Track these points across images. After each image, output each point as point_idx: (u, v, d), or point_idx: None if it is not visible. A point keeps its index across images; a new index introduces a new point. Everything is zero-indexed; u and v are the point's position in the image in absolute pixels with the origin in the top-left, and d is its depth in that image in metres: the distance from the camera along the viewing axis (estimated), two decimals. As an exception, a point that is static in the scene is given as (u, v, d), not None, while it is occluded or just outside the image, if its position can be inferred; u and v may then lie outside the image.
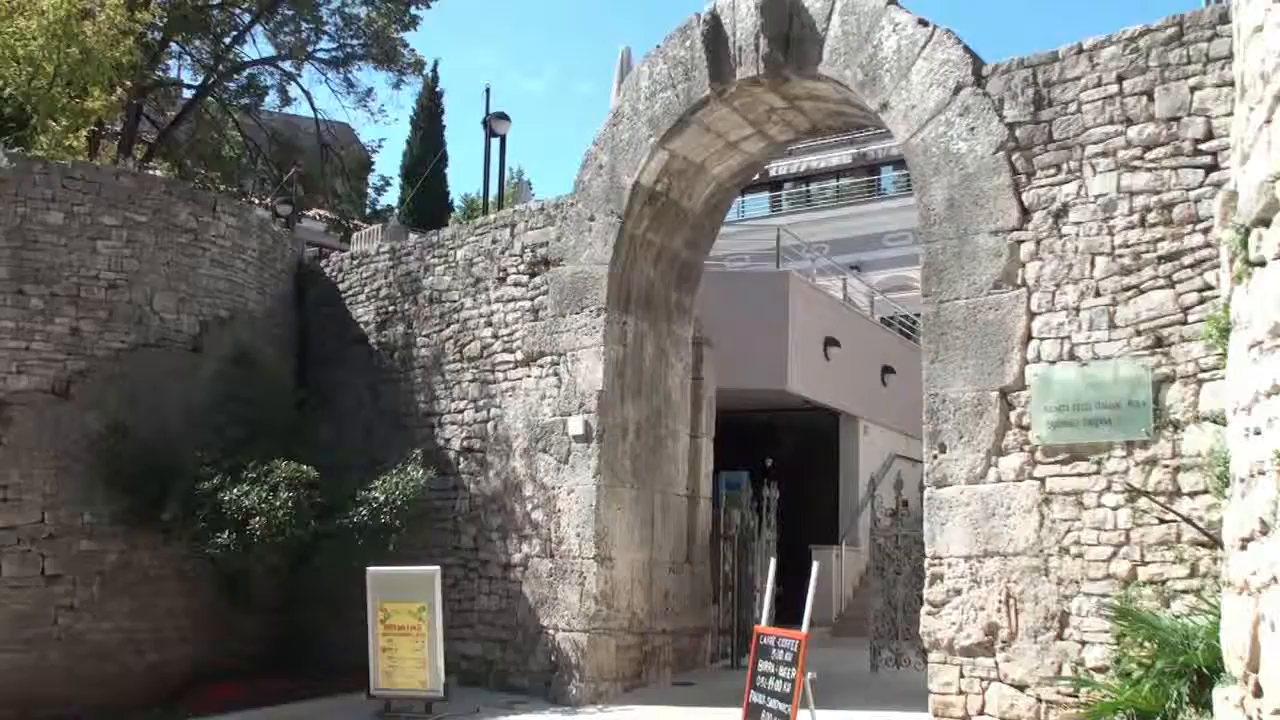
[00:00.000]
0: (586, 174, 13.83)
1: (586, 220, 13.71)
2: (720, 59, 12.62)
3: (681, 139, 13.24)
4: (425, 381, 15.27)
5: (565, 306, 13.71)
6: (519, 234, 14.52)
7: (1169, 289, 9.29)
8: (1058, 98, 10.14)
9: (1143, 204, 9.50)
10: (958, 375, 10.31)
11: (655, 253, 13.97)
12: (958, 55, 10.80)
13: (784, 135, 13.82)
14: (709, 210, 14.44)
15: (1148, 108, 9.59)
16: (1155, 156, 9.49)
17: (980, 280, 10.30)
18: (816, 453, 22.30)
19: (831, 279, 26.99)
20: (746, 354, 18.12)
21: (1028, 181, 10.18)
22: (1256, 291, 4.77)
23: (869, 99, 11.42)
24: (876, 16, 11.42)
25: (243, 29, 28.28)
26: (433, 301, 15.39)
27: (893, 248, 34.62)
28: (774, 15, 12.08)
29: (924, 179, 10.84)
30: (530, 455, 13.81)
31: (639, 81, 13.46)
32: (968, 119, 10.60)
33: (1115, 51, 9.84)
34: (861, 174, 41.07)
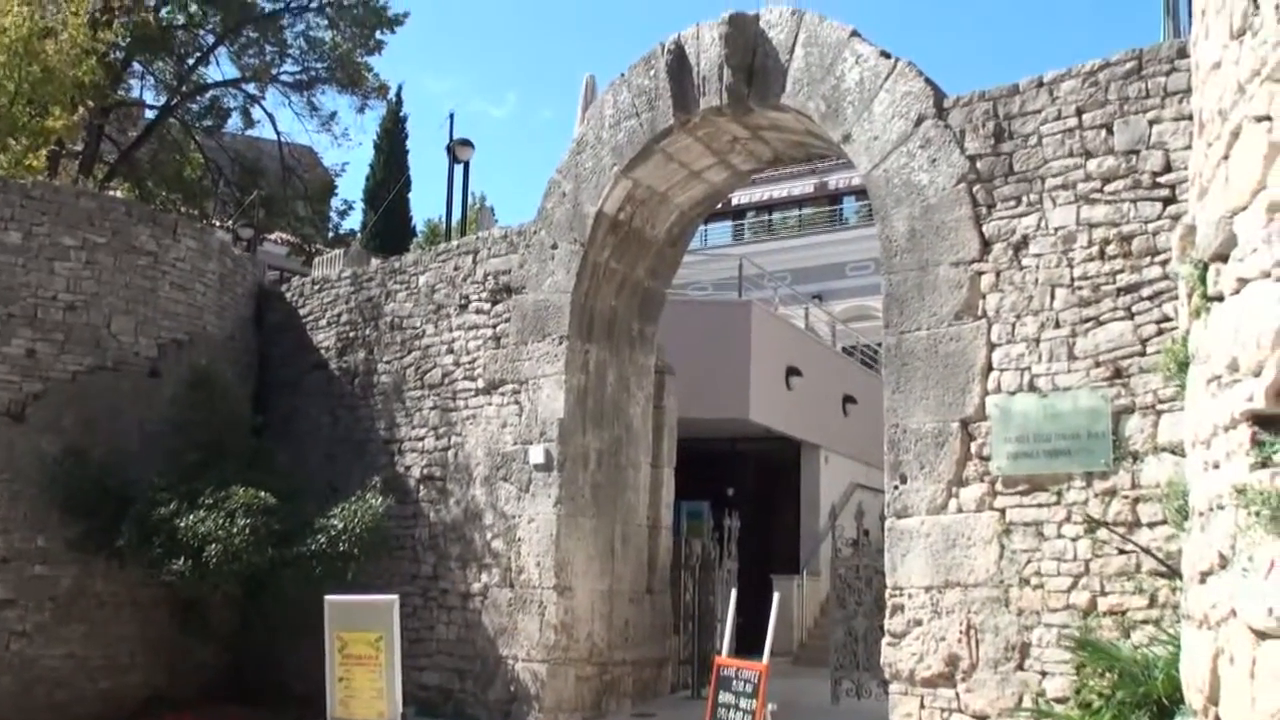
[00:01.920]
0: (549, 202, 13.82)
1: (549, 248, 13.69)
2: (684, 89, 12.65)
3: (645, 168, 13.26)
4: (386, 408, 15.18)
5: (527, 334, 13.67)
6: (481, 261, 14.48)
7: (1128, 320, 9.35)
8: (1018, 130, 10.21)
9: (1102, 236, 9.57)
10: (919, 406, 10.33)
11: (618, 281, 13.96)
12: (919, 87, 10.88)
13: (747, 165, 13.86)
14: (672, 239, 14.46)
15: (1107, 141, 9.67)
16: (1114, 189, 9.57)
17: (941, 311, 10.34)
18: (778, 482, 22.31)
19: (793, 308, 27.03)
20: (708, 383, 18.12)
21: (988, 213, 10.24)
22: (1215, 326, 4.80)
23: (832, 130, 11.47)
24: (839, 48, 11.49)
25: (206, 50, 28.17)
26: (394, 328, 15.32)
27: (855, 277, 34.75)
28: (738, 46, 12.14)
29: (886, 210, 10.88)
30: (491, 484, 13.74)
31: (603, 110, 13.47)
32: (929, 151, 10.66)
33: (1075, 85, 9.93)
34: (824, 203, 41.27)
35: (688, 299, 23.10)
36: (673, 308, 16.30)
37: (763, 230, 41.83)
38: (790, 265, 34.85)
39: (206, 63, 28.55)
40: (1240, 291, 4.51)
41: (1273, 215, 4.22)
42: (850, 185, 37.55)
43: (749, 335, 19.67)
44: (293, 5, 28.33)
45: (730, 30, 12.15)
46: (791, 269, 34.36)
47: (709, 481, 19.73)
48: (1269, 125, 4.29)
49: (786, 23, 11.96)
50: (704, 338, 18.80)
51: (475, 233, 17.78)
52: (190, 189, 28.52)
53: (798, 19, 11.88)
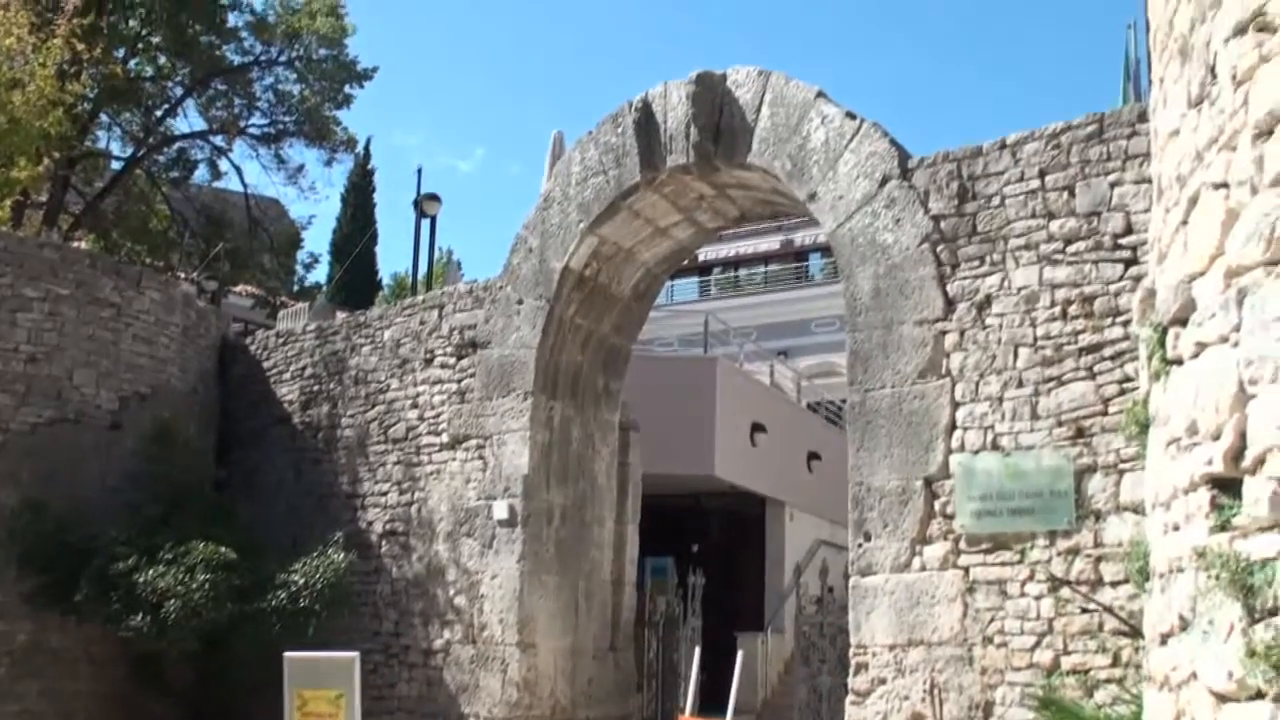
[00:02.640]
0: (516, 257, 13.84)
1: (515, 303, 13.69)
2: (651, 147, 12.73)
3: (611, 224, 13.30)
4: (349, 463, 15.09)
5: (492, 389, 13.64)
6: (447, 316, 14.47)
7: (1090, 380, 9.42)
8: (982, 191, 10.32)
9: (1064, 296, 9.66)
10: (883, 464, 10.36)
11: (583, 337, 13.96)
12: (884, 148, 10.99)
13: (713, 222, 13.94)
14: (638, 295, 14.49)
15: (1069, 202, 9.79)
16: (1076, 250, 9.67)
17: (905, 369, 10.39)
18: (742, 538, 22.27)
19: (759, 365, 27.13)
20: (673, 439, 18.10)
21: (952, 273, 10.33)
22: (1174, 390, 4.84)
23: (797, 189, 11.56)
24: (805, 108, 11.60)
25: (175, 102, 28.20)
26: (358, 382, 15.26)
27: (820, 334, 34.89)
28: (705, 105, 12.23)
29: (850, 268, 10.96)
30: (454, 539, 13.66)
31: (570, 166, 13.53)
32: (894, 210, 10.75)
33: (1037, 147, 10.06)
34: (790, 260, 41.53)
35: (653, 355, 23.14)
36: (638, 363, 16.32)
37: (729, 286, 42.02)
38: (756, 321, 35.01)
39: (174, 114, 28.59)
40: (1199, 356, 4.56)
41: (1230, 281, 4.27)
42: (816, 242, 37.81)
43: (714, 391, 19.70)
44: (262, 59, 28.44)
45: (697, 89, 12.25)
46: (757, 325, 34.53)
47: (674, 538, 19.68)
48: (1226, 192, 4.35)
49: (753, 82, 12.07)
50: (669, 394, 18.80)
51: (441, 287, 17.79)
52: (155, 241, 28.43)
53: (764, 79, 12.00)
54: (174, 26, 26.46)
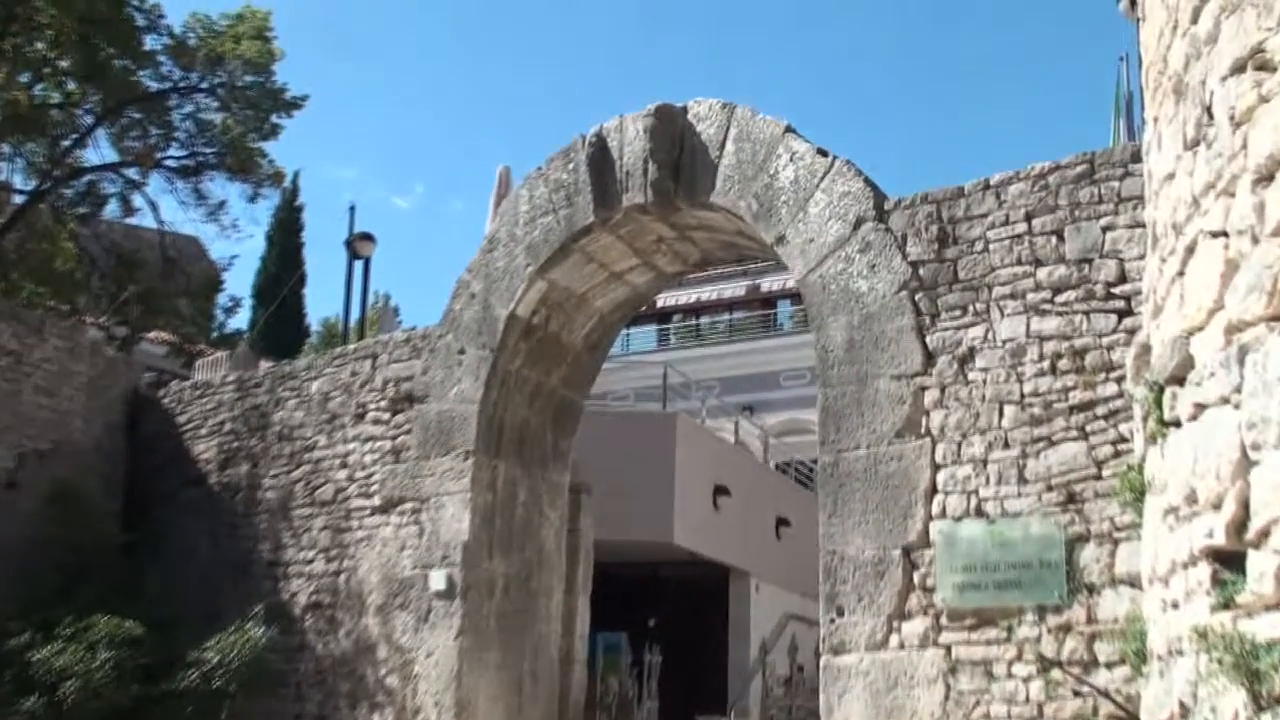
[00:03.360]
0: (457, 303, 13.81)
1: (456, 354, 13.65)
2: (606, 184, 12.76)
3: (562, 268, 13.31)
4: (271, 528, 14.95)
5: (430, 448, 13.57)
6: (381, 367, 14.41)
7: (1082, 441, 9.44)
8: (964, 235, 10.39)
9: (1053, 350, 9.71)
10: (857, 531, 10.35)
11: (531, 391, 13.93)
12: (858, 188, 11.06)
13: (673, 267, 13.97)
14: (590, 345, 14.48)
15: (1058, 248, 9.86)
16: (1066, 300, 9.74)
17: (881, 428, 10.41)
18: (703, 612, 22.18)
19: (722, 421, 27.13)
20: (628, 502, 18.05)
21: (932, 323, 10.38)
22: (1171, 454, 4.86)
23: (764, 231, 11.61)
24: (773, 144, 11.67)
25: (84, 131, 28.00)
26: (282, 439, 15.15)
27: (789, 388, 35.00)
28: (664, 140, 12.28)
29: (822, 318, 10.99)
30: (386, 613, 13.52)
31: (517, 205, 13.54)
32: (869, 255, 10.81)
33: (1023, 188, 10.15)
34: (756, 308, 41.71)
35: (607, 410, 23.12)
36: (591, 420, 16.28)
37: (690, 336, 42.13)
38: (719, 374, 35.12)
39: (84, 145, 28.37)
40: (1198, 418, 4.57)
41: (1231, 337, 4.29)
42: (785, 289, 38.01)
43: (673, 450, 19.68)
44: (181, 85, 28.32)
45: (656, 123, 12.30)
46: (720, 378, 34.63)
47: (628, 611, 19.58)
48: (1225, 242, 4.38)
49: (716, 116, 12.15)
50: (624, 453, 18.77)
51: (376, 335, 17.72)
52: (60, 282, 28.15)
53: (728, 112, 12.07)
54: (85, 50, 26.32)
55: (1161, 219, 5.32)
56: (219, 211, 29.31)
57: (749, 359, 36.87)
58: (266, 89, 28.69)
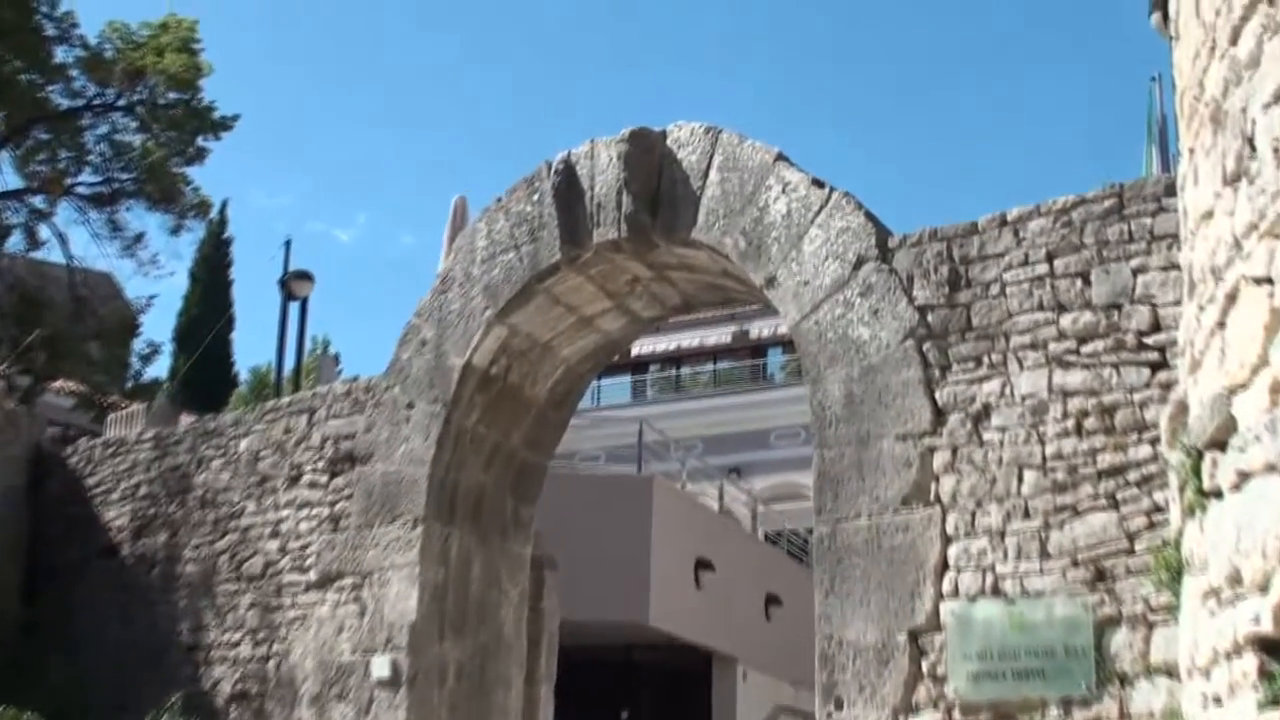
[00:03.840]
0: (406, 351, 13.80)
1: (404, 408, 13.62)
2: (575, 217, 12.78)
3: (525, 312, 13.31)
4: (191, 605, 14.85)
5: (374, 515, 13.51)
6: (319, 423, 14.37)
7: (1112, 511, 9.42)
8: (977, 277, 10.42)
9: (1079, 407, 9.71)
10: (858, 612, 10.31)
11: (489, 451, 13.90)
12: (859, 223, 11.09)
13: (650, 311, 13.99)
14: (556, 399, 14.46)
15: (1083, 292, 9.89)
16: (1093, 350, 9.75)
17: (885, 495, 10.40)
18: (684, 703, 22.11)
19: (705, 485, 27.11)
20: (599, 578, 17.99)
21: (942, 377, 10.38)
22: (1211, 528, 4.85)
23: (753, 271, 11.63)
24: (763, 174, 11.71)
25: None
26: (206, 504, 15.08)
27: (781, 448, 35.02)
28: (640, 168, 12.31)
29: (818, 370, 11.00)
30: (322, 703, 13.43)
31: (475, 240, 13.55)
32: (870, 299, 10.83)
33: (1044, 225, 10.18)
34: (744, 357, 41.79)
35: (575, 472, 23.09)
36: (556, 484, 16.25)
37: (669, 388, 42.18)
38: (702, 431, 35.11)
39: (-18, 169, 28.36)
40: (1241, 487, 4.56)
41: (1277, 397, 4.28)
42: (776, 335, 38.05)
43: (649, 518, 19.64)
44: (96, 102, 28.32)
45: (631, 149, 12.33)
46: (703, 436, 34.63)
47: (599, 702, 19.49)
48: (1270, 289, 4.37)
49: (699, 142, 12.19)
50: (594, 521, 18.73)
51: (313, 387, 17.66)
52: (-46, 326, 28.09)
53: (713, 138, 12.12)
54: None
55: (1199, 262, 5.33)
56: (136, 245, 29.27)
57: (735, 415, 36.88)
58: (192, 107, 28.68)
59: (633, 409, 37.26)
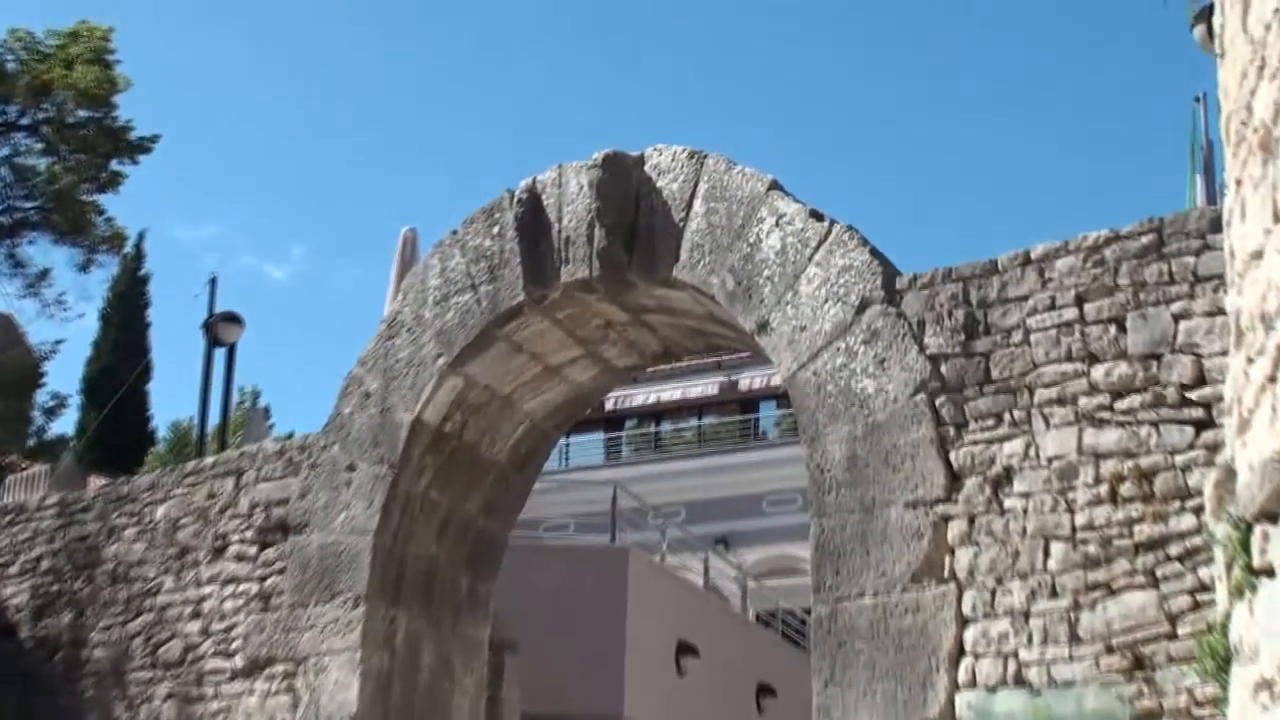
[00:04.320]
0: (347, 405, 13.78)
1: (344, 470, 13.59)
2: (540, 253, 12.78)
3: (483, 361, 13.30)
4: (100, 696, 14.76)
5: (309, 593, 13.45)
6: (248, 486, 14.32)
7: (1151, 589, 9.40)
8: (998, 323, 10.43)
9: (1113, 471, 9.70)
10: (862, 704, 10.28)
11: (441, 519, 13.86)
12: (863, 261, 11.10)
13: (626, 359, 13.98)
14: (518, 460, 14.43)
15: (1118, 341, 9.89)
16: (1129, 406, 9.75)
17: (893, 571, 10.37)
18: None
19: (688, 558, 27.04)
20: (567, 664, 17.93)
21: (958, 436, 10.38)
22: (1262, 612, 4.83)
23: (743, 315, 11.64)
24: (754, 205, 11.73)
25: None
26: (117, 580, 15.00)
27: (774, 515, 34.99)
28: (615, 197, 12.32)
29: (816, 427, 10.99)
30: (249, 809, 13.37)
31: (426, 279, 13.55)
32: (876, 347, 10.83)
33: (1073, 264, 10.20)
34: (732, 411, 41.79)
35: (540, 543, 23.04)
36: (518, 556, 16.21)
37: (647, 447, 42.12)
38: (685, 496, 35.06)
39: None
40: (1297, 565, 4.55)
41: (1338, 461, 4.28)
42: (769, 387, 38.07)
43: (624, 596, 19.57)
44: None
45: (605, 176, 12.35)
46: (686, 501, 34.58)
47: (566, 807, 19.35)
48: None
49: (682, 168, 12.22)
50: (562, 599, 18.67)
51: (241, 445, 17.63)
52: None
53: (697, 163, 12.15)
54: None
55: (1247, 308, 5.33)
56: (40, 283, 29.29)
57: (723, 478, 36.82)
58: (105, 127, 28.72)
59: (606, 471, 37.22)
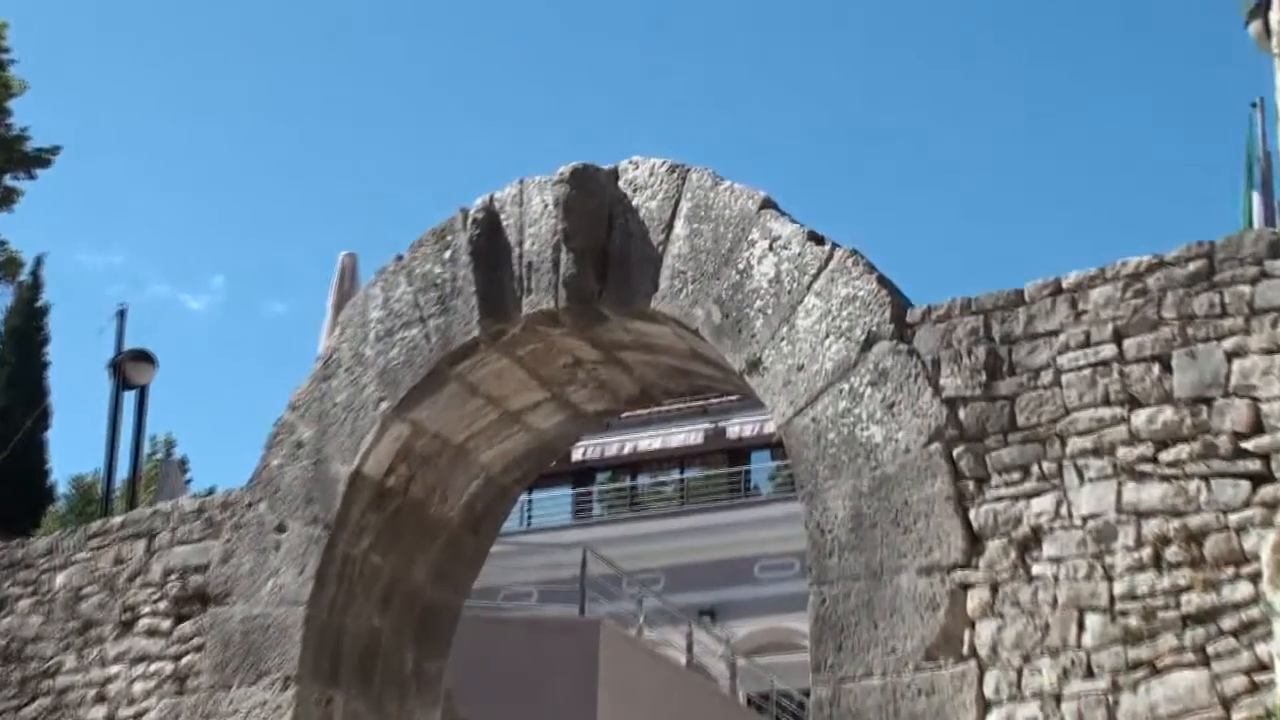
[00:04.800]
0: (276, 456, 13.71)
1: (272, 531, 13.51)
2: (499, 281, 12.74)
3: (432, 405, 13.25)
4: (-11, 794, 14.69)
5: (232, 673, 13.36)
6: (161, 550, 14.25)
7: (1201, 668, 9.35)
8: (1024, 362, 10.39)
9: (1157, 532, 9.66)
10: (870, 803, 10.26)
11: (384, 587, 13.79)
12: (869, 290, 11.06)
13: (597, 403, 13.95)
14: (473, 519, 14.38)
15: (1162, 382, 9.85)
16: (1175, 458, 9.70)
17: (904, 647, 10.31)
18: None
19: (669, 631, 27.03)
20: (529, 754, 17.89)
21: (978, 491, 10.33)
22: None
23: (731, 352, 11.60)
24: (745, 225, 11.70)
25: None
26: (9, 658, 14.91)
27: (768, 582, 35.02)
28: (584, 217, 12.26)
29: (815, 481, 10.95)
30: None
31: (367, 311, 13.50)
32: (884, 390, 10.79)
33: (1111, 294, 10.14)
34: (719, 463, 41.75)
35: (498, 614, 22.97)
36: (474, 629, 16.17)
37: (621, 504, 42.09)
38: (665, 560, 35.10)
39: None
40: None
41: None
42: (761, 434, 38.07)
43: (595, 675, 19.55)
44: None
45: (572, 192, 12.29)
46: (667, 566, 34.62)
47: None
48: None
49: (661, 183, 12.19)
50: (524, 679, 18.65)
51: (153, 503, 17.56)
52: None
53: (679, 178, 12.11)
54: None
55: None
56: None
57: (709, 539, 36.85)
58: (0, 136, 28.71)
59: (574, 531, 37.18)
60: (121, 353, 24.84)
